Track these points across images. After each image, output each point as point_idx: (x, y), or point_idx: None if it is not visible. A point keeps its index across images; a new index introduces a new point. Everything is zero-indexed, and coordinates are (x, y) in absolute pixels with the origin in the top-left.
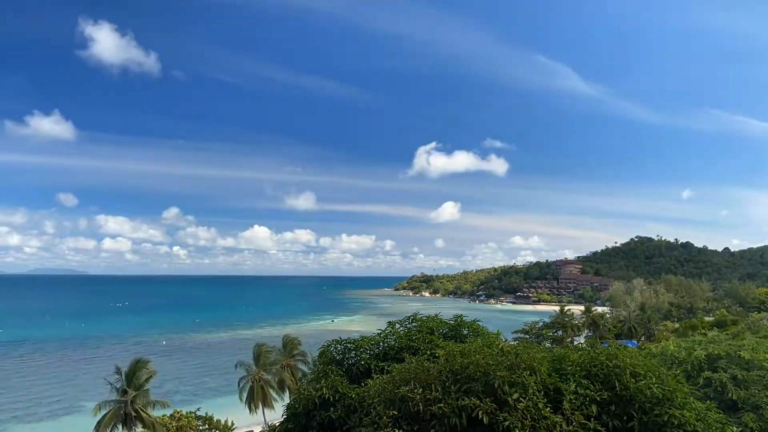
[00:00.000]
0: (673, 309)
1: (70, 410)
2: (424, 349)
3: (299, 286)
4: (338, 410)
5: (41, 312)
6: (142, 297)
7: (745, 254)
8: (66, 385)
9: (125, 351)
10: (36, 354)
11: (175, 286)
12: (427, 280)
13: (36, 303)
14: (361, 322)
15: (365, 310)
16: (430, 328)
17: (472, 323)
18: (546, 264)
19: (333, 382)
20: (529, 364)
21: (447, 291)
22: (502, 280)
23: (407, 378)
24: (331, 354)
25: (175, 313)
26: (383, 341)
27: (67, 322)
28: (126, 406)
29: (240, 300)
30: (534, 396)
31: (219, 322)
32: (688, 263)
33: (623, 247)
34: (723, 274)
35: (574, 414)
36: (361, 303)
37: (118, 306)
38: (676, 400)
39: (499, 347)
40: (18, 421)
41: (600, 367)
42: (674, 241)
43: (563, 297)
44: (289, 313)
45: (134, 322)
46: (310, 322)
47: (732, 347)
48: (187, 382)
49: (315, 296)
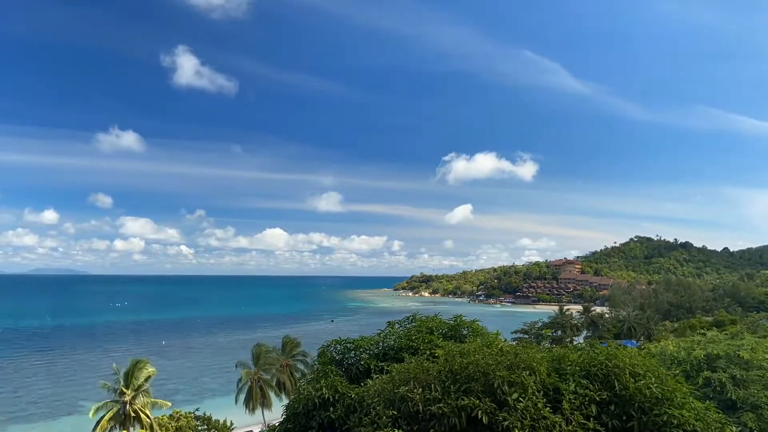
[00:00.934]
0: (673, 309)
1: (69, 410)
2: (423, 349)
3: (300, 286)
4: (338, 410)
5: (41, 312)
6: (142, 297)
7: (744, 254)
8: (66, 385)
9: (125, 351)
10: (36, 354)
11: (177, 286)
12: (427, 280)
13: (36, 303)
14: (360, 322)
15: (365, 310)
16: (430, 328)
17: (471, 323)
18: (546, 264)
19: (333, 382)
20: (528, 364)
21: (446, 291)
22: (502, 280)
23: (407, 378)
24: (331, 354)
25: (175, 312)
26: (383, 341)
27: (67, 322)
28: (125, 406)
29: (241, 300)
30: (533, 396)
31: (219, 322)
32: (688, 263)
33: (623, 247)
34: (723, 274)
35: (573, 414)
36: (361, 303)
37: (118, 306)
38: (676, 400)
39: (499, 347)
40: (18, 421)
41: (599, 367)
42: (674, 241)
43: (563, 297)
44: (290, 313)
45: (134, 322)
46: (309, 322)
47: (731, 347)
48: (187, 382)
49: (315, 296)
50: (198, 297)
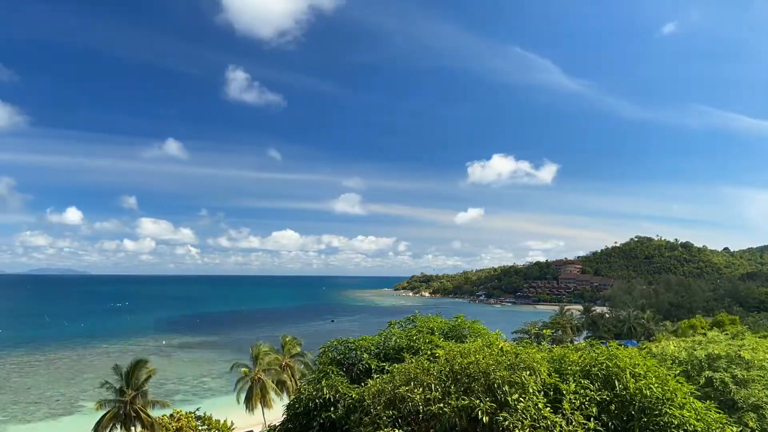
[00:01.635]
0: (673, 309)
1: (69, 410)
2: (424, 349)
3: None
4: (339, 410)
5: (41, 312)
6: (142, 297)
7: (745, 254)
8: (66, 385)
9: (125, 351)
10: (36, 354)
11: (178, 286)
12: (428, 280)
13: (36, 303)
14: (361, 322)
15: (365, 310)
16: (430, 328)
17: (472, 323)
18: (546, 264)
19: (333, 382)
20: (529, 364)
21: (447, 291)
22: (502, 280)
23: (407, 378)
24: (332, 354)
25: (175, 313)
26: (383, 341)
27: (67, 322)
28: (125, 406)
29: (241, 300)
30: (534, 396)
31: (219, 322)
32: (688, 263)
33: (623, 247)
34: (723, 274)
35: (573, 414)
36: (361, 303)
37: (118, 306)
38: (676, 400)
39: (500, 347)
40: (18, 421)
41: (600, 367)
42: (674, 241)
43: (563, 297)
44: (290, 313)
45: (134, 322)
46: (310, 322)
47: (732, 347)
48: (187, 382)
49: (315, 297)
50: (198, 297)
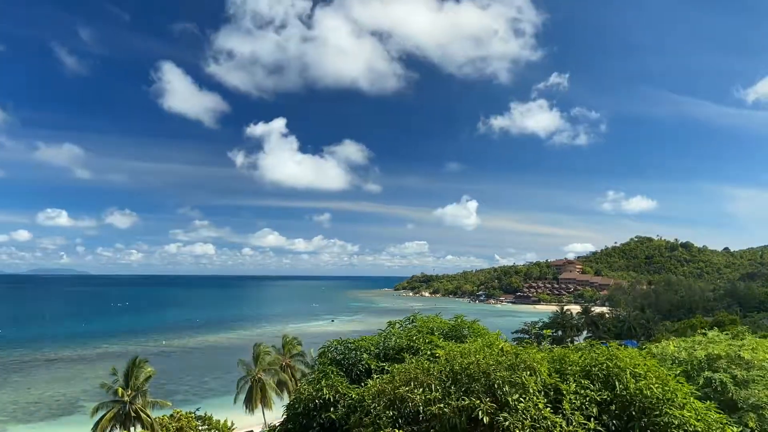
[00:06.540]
0: (673, 309)
1: (69, 410)
2: (424, 349)
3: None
4: (339, 411)
5: (40, 312)
6: (142, 297)
7: (745, 254)
8: (66, 385)
9: (125, 351)
10: (36, 354)
11: (177, 287)
12: (427, 280)
13: (35, 303)
14: (361, 322)
15: (365, 310)
16: (431, 328)
17: (472, 323)
18: (546, 264)
19: (333, 382)
20: (529, 365)
21: (447, 291)
22: (502, 280)
23: (407, 378)
24: (332, 354)
25: (175, 313)
26: (383, 341)
27: (67, 322)
28: (125, 406)
29: (241, 300)
30: (534, 396)
31: (219, 322)
32: (688, 263)
33: (623, 247)
34: (723, 274)
35: (574, 414)
36: (361, 303)
37: (118, 306)
38: (677, 401)
39: (500, 347)
40: (18, 421)
41: (600, 368)
42: (674, 241)
43: (563, 297)
44: (290, 313)
45: (134, 322)
46: (310, 322)
47: (732, 347)
48: (187, 382)
49: (315, 297)
50: (198, 297)
